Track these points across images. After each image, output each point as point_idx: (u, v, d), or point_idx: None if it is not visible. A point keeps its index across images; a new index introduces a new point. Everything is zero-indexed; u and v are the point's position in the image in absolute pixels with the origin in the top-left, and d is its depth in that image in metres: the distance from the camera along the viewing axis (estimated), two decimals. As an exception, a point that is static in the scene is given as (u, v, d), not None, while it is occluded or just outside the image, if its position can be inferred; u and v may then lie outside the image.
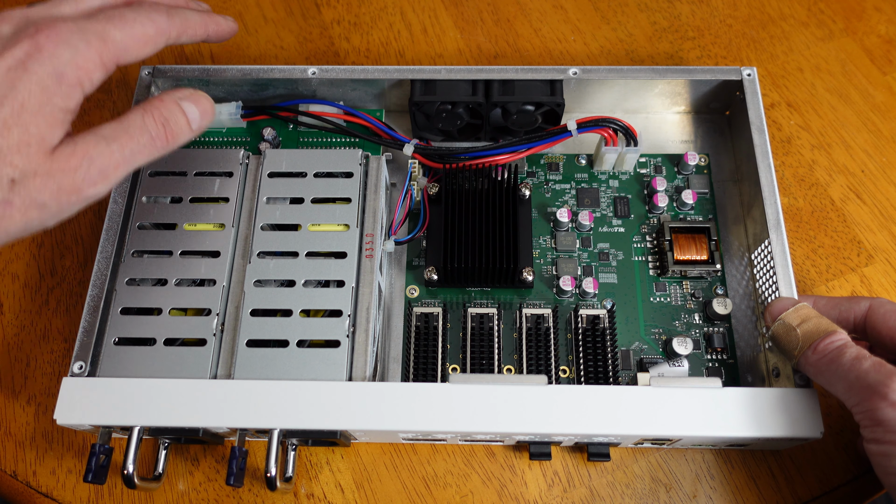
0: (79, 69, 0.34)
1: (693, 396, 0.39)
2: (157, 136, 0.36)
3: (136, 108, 0.36)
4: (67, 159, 0.33)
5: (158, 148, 0.37)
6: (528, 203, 0.48)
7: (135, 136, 0.35)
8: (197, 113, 0.38)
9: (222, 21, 0.44)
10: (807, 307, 0.39)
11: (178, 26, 0.39)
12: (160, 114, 0.37)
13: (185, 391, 0.39)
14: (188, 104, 0.38)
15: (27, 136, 0.33)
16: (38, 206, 0.33)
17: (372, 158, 0.47)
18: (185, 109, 0.38)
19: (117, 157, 0.35)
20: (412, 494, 0.43)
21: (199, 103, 0.39)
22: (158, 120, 0.36)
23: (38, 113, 0.33)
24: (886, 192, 0.52)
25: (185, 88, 0.39)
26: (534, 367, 0.45)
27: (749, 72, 0.49)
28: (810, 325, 0.38)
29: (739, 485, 0.43)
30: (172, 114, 0.37)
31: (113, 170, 0.35)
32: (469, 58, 0.58)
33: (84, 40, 0.34)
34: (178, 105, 0.37)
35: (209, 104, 0.39)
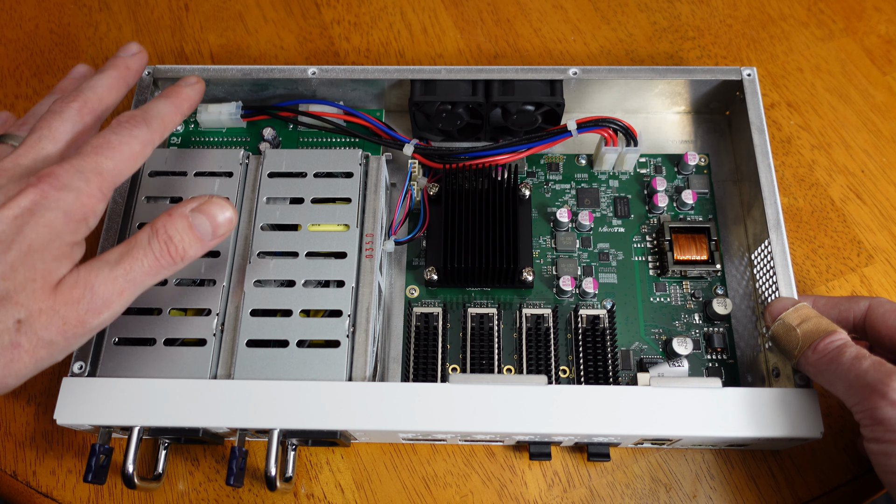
0: (83, 206, 0.35)
1: (693, 396, 0.39)
2: (161, 256, 0.36)
3: (146, 226, 0.36)
4: (70, 291, 0.34)
5: (164, 268, 0.36)
6: (528, 203, 0.48)
7: (138, 259, 0.35)
8: (208, 226, 0.37)
9: (191, 93, 0.44)
10: (807, 307, 0.39)
11: (159, 130, 0.40)
12: (165, 231, 0.36)
13: (185, 391, 0.39)
14: (198, 216, 0.37)
15: (33, 273, 0.33)
16: (46, 344, 0.34)
17: (372, 158, 0.47)
18: (195, 223, 0.37)
19: (121, 283, 0.35)
20: (412, 494, 0.43)
21: (212, 214, 0.37)
22: (162, 239, 0.36)
23: (46, 250, 0.34)
24: (886, 192, 0.52)
25: (201, 196, 0.38)
26: (534, 367, 0.45)
27: (749, 72, 0.49)
28: (810, 325, 0.38)
29: (739, 485, 0.43)
30: (178, 231, 0.36)
31: (117, 296, 0.35)
32: (469, 58, 0.58)
33: (83, 179, 0.35)
34: (185, 219, 0.37)
35: (223, 213, 0.38)
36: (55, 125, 0.38)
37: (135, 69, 0.44)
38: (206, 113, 0.51)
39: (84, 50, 0.59)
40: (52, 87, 0.57)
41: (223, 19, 0.60)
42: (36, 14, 0.61)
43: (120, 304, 0.35)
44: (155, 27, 0.60)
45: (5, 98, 0.57)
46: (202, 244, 0.37)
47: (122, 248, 0.36)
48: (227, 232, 0.38)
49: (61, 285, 0.34)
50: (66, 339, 0.34)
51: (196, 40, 0.59)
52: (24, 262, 0.33)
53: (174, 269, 0.37)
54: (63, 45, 0.59)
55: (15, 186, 0.35)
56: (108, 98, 0.41)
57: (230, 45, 0.59)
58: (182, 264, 0.37)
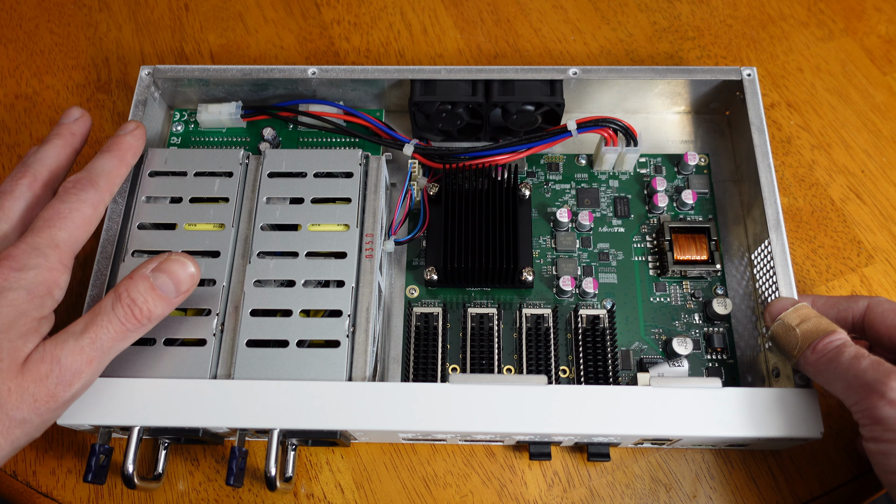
0: (45, 281, 0.36)
1: (693, 396, 0.39)
2: (127, 319, 0.36)
3: (110, 292, 0.37)
4: (38, 367, 0.34)
5: (131, 331, 0.37)
6: (528, 203, 0.48)
7: (103, 325, 0.36)
8: (171, 284, 0.38)
9: (132, 141, 0.44)
10: (806, 307, 0.39)
11: (107, 188, 0.40)
12: (127, 295, 0.36)
13: (185, 391, 0.39)
14: (159, 276, 0.37)
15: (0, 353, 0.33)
16: (20, 423, 0.34)
17: (372, 158, 0.47)
18: (157, 283, 0.37)
19: (88, 352, 0.35)
20: (412, 494, 0.43)
21: (173, 272, 0.38)
22: (125, 303, 0.36)
23: (11, 329, 0.34)
24: (886, 192, 0.52)
25: (161, 255, 0.38)
26: (534, 367, 0.45)
27: (749, 72, 0.49)
28: (809, 325, 0.38)
29: (739, 485, 0.43)
30: (141, 292, 0.37)
31: (86, 366, 0.35)
32: (469, 58, 0.58)
33: (41, 255, 0.36)
34: (147, 280, 0.37)
35: (184, 270, 0.38)
36: (7, 205, 0.39)
37: (80, 134, 0.44)
38: (206, 113, 0.51)
39: (84, 50, 0.59)
40: (51, 86, 0.57)
41: (223, 19, 0.60)
42: (36, 14, 0.61)
43: (90, 373, 0.36)
44: (155, 27, 0.60)
45: (5, 98, 0.57)
46: (167, 302, 0.38)
47: (87, 316, 0.36)
48: (192, 287, 0.39)
49: (28, 362, 0.34)
50: (39, 416, 0.34)
51: (196, 40, 0.59)
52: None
53: (142, 331, 0.37)
54: (63, 45, 0.59)
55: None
56: (55, 166, 0.42)
57: (230, 45, 0.59)
58: (150, 325, 0.37)
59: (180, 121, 0.53)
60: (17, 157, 0.54)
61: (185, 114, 0.53)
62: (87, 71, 0.58)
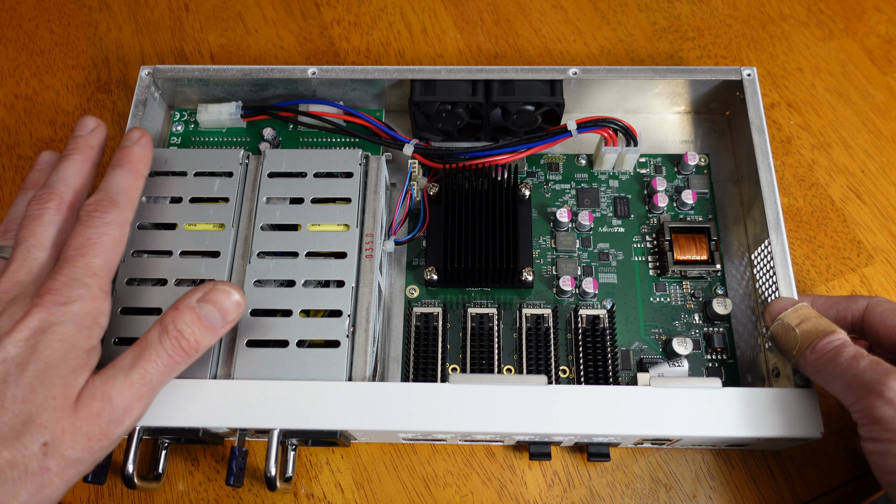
0: (91, 311, 0.36)
1: (693, 396, 0.39)
2: (174, 352, 0.36)
3: (155, 324, 0.36)
4: (89, 405, 0.34)
5: (179, 363, 0.36)
6: (528, 203, 0.48)
7: (151, 360, 0.35)
8: (217, 314, 0.37)
9: (141, 151, 0.43)
10: (806, 307, 0.39)
11: (128, 206, 0.40)
12: (174, 327, 0.36)
13: (185, 391, 0.39)
14: (205, 306, 0.37)
15: (52, 390, 0.33)
16: (74, 463, 0.33)
17: (372, 158, 0.47)
18: (203, 313, 0.37)
19: (138, 388, 0.35)
20: (412, 494, 0.43)
21: (218, 302, 0.37)
22: (173, 335, 0.36)
23: (63, 364, 0.34)
24: (886, 192, 0.52)
25: (206, 284, 0.38)
26: (534, 367, 0.45)
27: (749, 72, 0.49)
28: (809, 325, 0.38)
29: (739, 485, 0.43)
30: (188, 324, 0.36)
31: (136, 402, 0.35)
32: (469, 58, 0.58)
33: (82, 286, 0.36)
34: (193, 311, 0.37)
35: (230, 299, 0.38)
36: (39, 231, 0.38)
37: (98, 146, 0.43)
38: (206, 113, 0.51)
39: (84, 50, 0.59)
40: (51, 86, 0.57)
41: (223, 19, 0.60)
42: (36, 14, 0.61)
43: (140, 408, 0.35)
44: (155, 27, 0.60)
45: (5, 98, 0.57)
46: (214, 332, 0.37)
47: (134, 350, 0.36)
48: (238, 316, 0.38)
49: (80, 400, 0.34)
50: (92, 454, 0.34)
51: (196, 40, 0.59)
52: (43, 380, 0.33)
53: (189, 361, 0.37)
54: (63, 45, 0.59)
55: (20, 308, 0.35)
56: (78, 185, 0.41)
57: (230, 45, 0.59)
58: (197, 356, 0.37)
59: (180, 121, 0.53)
60: (17, 157, 0.54)
61: (185, 114, 0.53)
62: (87, 71, 0.58)
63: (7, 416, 0.32)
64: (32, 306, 0.35)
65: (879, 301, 0.40)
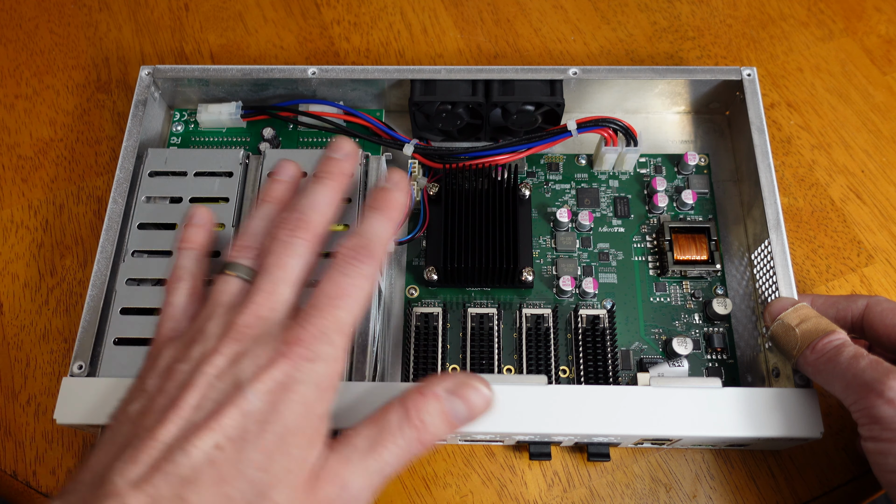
0: (333, 374, 0.32)
1: (693, 396, 0.39)
2: (411, 442, 0.32)
3: (395, 405, 0.32)
4: (326, 487, 0.30)
5: (410, 455, 0.32)
6: (528, 203, 0.48)
7: (388, 446, 0.31)
8: (464, 412, 0.33)
9: (401, 198, 0.36)
10: (806, 307, 0.39)
11: (384, 258, 0.35)
12: (418, 416, 0.32)
13: (185, 391, 0.39)
14: (454, 401, 0.33)
15: (289, 461, 0.29)
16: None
17: (372, 158, 0.47)
18: (449, 407, 0.32)
19: (373, 477, 0.31)
20: (412, 494, 0.43)
21: (469, 399, 0.33)
22: (415, 424, 0.32)
23: (301, 431, 0.30)
24: (886, 192, 0.52)
25: (457, 375, 0.34)
26: (534, 367, 0.45)
27: (749, 72, 0.49)
28: (809, 325, 0.38)
29: (739, 485, 0.43)
30: (432, 415, 0.32)
31: (368, 492, 0.31)
32: (469, 58, 0.58)
33: (329, 343, 0.31)
34: (440, 402, 0.32)
35: (481, 398, 0.33)
36: (289, 263, 0.33)
37: (350, 175, 0.37)
38: (206, 113, 0.51)
39: (84, 50, 0.59)
40: (51, 86, 0.57)
41: (223, 19, 0.60)
42: (36, 14, 0.61)
43: (369, 500, 0.31)
44: (155, 27, 0.60)
45: (5, 98, 0.57)
46: (452, 431, 0.33)
47: (370, 429, 0.32)
48: (481, 415, 0.34)
49: (318, 480, 0.30)
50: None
51: (196, 40, 0.59)
52: (281, 447, 0.29)
53: (418, 455, 0.32)
54: (63, 45, 0.59)
55: (264, 353, 0.31)
56: (330, 217, 0.36)
57: (230, 45, 0.59)
58: (427, 450, 0.33)
59: (180, 121, 0.53)
60: (17, 157, 0.54)
61: (185, 114, 0.53)
62: (87, 71, 0.58)
63: (242, 485, 0.28)
64: (278, 355, 0.30)
65: (879, 300, 0.40)
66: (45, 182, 0.53)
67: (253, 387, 0.29)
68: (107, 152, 0.54)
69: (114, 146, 0.54)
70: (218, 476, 0.28)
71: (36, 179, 0.53)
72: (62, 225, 0.52)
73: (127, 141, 0.48)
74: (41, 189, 0.53)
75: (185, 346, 0.32)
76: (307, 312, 0.32)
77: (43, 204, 0.52)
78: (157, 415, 0.29)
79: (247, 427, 0.29)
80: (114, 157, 0.54)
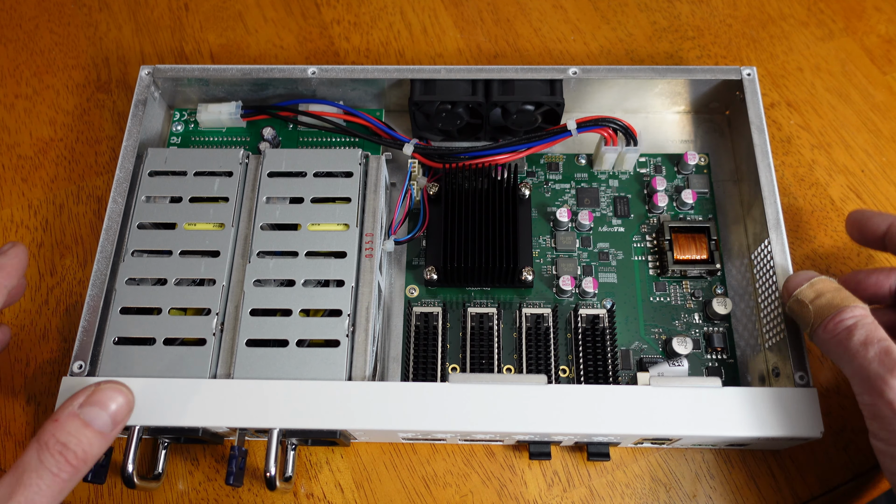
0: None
1: (693, 396, 0.39)
2: (60, 469, 0.32)
3: (32, 443, 0.32)
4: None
5: (67, 480, 0.32)
6: (527, 203, 0.48)
7: (33, 482, 0.31)
8: (105, 417, 0.34)
9: (9, 262, 0.38)
10: (825, 281, 0.38)
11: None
12: (56, 440, 0.32)
13: (184, 391, 0.39)
14: (90, 410, 0.34)
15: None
16: None
17: (372, 158, 0.47)
18: (88, 418, 0.33)
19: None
20: (412, 494, 0.43)
21: (103, 403, 0.34)
22: (55, 450, 0.32)
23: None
24: (886, 192, 0.52)
25: (88, 387, 0.34)
26: (533, 367, 0.44)
27: (749, 71, 0.49)
28: (823, 301, 0.37)
29: (739, 485, 0.43)
30: (72, 434, 0.33)
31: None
32: (469, 58, 0.58)
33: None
34: (76, 418, 0.33)
35: (118, 397, 0.35)
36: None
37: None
38: (205, 113, 0.51)
39: (84, 50, 0.59)
40: (51, 86, 0.57)
41: (223, 19, 0.60)
42: (36, 14, 0.61)
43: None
44: (155, 27, 0.60)
45: (5, 98, 0.57)
46: (104, 438, 0.34)
47: (8, 478, 0.31)
48: (128, 416, 0.35)
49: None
50: None
51: (196, 40, 0.59)
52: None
53: (79, 476, 0.33)
54: (63, 45, 0.59)
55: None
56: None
57: (230, 44, 0.59)
58: (87, 468, 0.34)
59: (180, 120, 0.53)
60: (17, 157, 0.54)
61: (185, 113, 0.53)
62: (87, 71, 0.58)
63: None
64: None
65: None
66: (45, 182, 0.53)
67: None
68: (107, 152, 0.54)
69: (114, 146, 0.54)
70: None
71: (36, 179, 0.53)
72: (62, 225, 0.52)
73: (127, 141, 0.48)
74: (41, 189, 0.53)
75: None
76: None
77: (43, 204, 0.52)
78: None
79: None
80: (114, 156, 0.54)
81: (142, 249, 0.44)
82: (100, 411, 0.34)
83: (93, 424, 0.34)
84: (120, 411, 0.35)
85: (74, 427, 0.33)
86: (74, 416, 0.33)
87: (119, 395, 0.35)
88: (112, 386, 0.35)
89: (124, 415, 0.35)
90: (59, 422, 0.33)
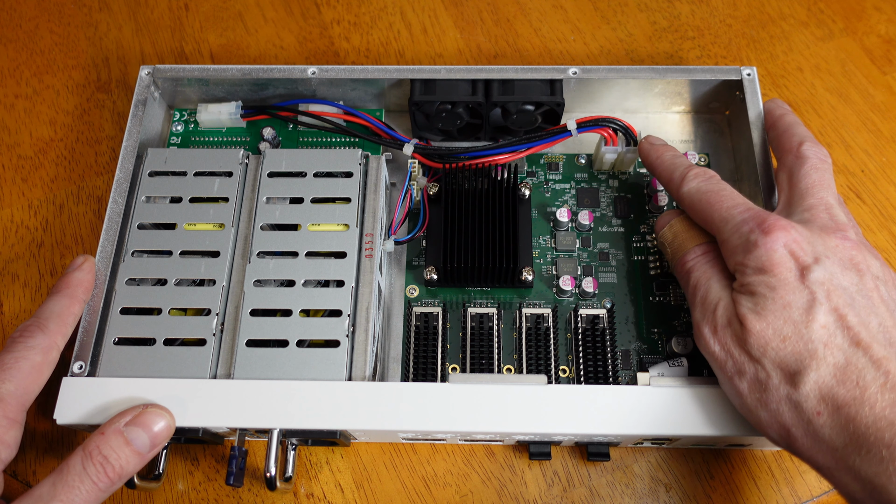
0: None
1: (693, 396, 0.39)
2: (99, 479, 0.34)
3: (78, 450, 0.35)
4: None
5: (103, 490, 0.35)
6: (527, 203, 0.48)
7: (74, 487, 0.34)
8: (146, 438, 0.36)
9: (81, 276, 0.41)
10: (681, 221, 0.42)
11: (58, 330, 0.39)
12: (99, 452, 0.35)
13: (184, 391, 0.39)
14: (134, 430, 0.36)
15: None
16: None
17: (372, 158, 0.47)
18: (130, 437, 0.36)
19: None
20: (412, 494, 0.43)
21: (147, 426, 0.36)
22: (97, 460, 0.35)
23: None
24: (886, 192, 0.52)
25: (135, 408, 0.37)
26: (533, 367, 0.45)
27: (749, 71, 0.49)
28: (676, 243, 0.41)
29: (739, 485, 0.43)
30: (114, 449, 0.35)
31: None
32: (469, 58, 0.58)
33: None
34: (121, 435, 0.36)
35: (161, 422, 0.37)
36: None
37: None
38: (205, 113, 0.51)
39: (84, 50, 0.59)
40: (51, 86, 0.57)
41: (223, 19, 0.60)
42: (36, 14, 0.61)
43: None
44: (155, 27, 0.60)
45: (5, 98, 0.57)
46: (141, 458, 0.36)
47: (52, 477, 0.34)
48: (166, 440, 0.38)
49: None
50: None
51: (196, 40, 0.59)
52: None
53: (114, 489, 0.36)
54: (63, 45, 0.59)
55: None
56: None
57: (230, 44, 0.59)
58: (122, 482, 0.36)
59: (180, 120, 0.53)
60: (17, 157, 0.54)
61: (185, 113, 0.53)
62: (87, 71, 0.58)
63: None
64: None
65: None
66: (45, 182, 0.53)
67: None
68: (107, 152, 0.54)
69: (114, 146, 0.54)
70: None
71: (36, 179, 0.53)
72: (62, 225, 0.52)
73: (127, 141, 0.48)
74: (41, 189, 0.53)
75: None
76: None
77: (43, 204, 0.52)
78: None
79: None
80: (114, 156, 0.54)
81: (142, 250, 0.44)
82: (142, 432, 0.36)
83: (134, 444, 0.36)
84: (160, 434, 0.37)
85: (117, 443, 0.36)
86: (119, 433, 0.36)
87: (162, 420, 0.37)
88: (157, 411, 0.37)
89: (163, 439, 0.37)
90: (104, 435, 0.36)
